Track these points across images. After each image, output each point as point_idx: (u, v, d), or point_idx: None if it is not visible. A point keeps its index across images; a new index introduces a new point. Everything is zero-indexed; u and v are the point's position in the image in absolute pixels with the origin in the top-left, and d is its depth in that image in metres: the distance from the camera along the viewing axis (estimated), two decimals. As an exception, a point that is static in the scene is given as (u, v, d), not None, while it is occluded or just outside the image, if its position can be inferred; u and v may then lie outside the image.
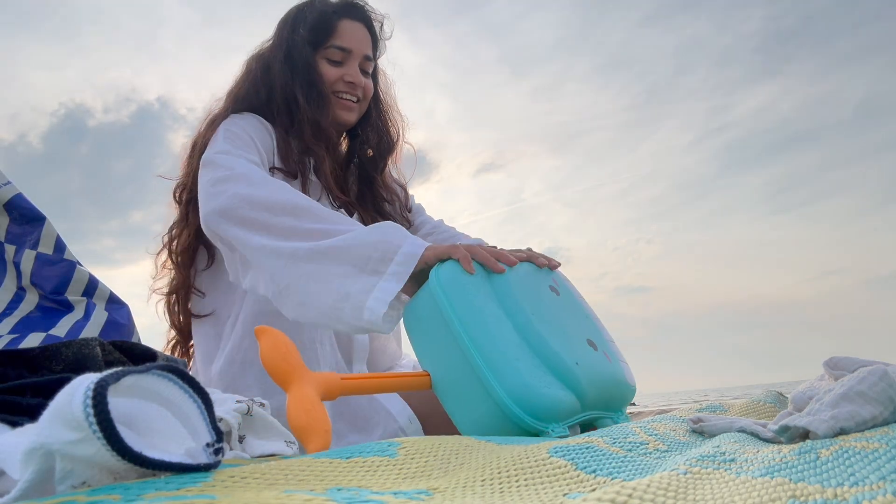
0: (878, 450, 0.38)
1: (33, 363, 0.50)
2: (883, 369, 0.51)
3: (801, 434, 0.49)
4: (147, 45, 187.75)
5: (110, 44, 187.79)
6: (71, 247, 0.98)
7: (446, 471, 0.42)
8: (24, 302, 0.95)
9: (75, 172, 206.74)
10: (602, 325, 0.88)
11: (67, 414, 0.29)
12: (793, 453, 0.40)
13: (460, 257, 0.78)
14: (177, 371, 0.35)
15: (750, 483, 0.35)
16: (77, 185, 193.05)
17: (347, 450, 0.44)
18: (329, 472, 0.38)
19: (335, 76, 1.17)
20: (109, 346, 0.54)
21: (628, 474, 0.41)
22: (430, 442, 0.48)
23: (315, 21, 1.16)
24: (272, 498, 0.27)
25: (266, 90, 1.15)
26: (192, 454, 0.33)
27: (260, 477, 0.34)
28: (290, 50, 1.15)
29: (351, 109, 1.20)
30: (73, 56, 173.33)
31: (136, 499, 0.26)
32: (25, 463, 0.30)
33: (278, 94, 1.13)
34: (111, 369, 0.31)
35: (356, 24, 1.19)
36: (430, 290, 0.75)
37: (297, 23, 1.17)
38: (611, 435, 0.53)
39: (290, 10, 1.20)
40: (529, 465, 0.41)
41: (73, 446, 0.29)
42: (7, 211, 0.97)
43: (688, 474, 0.37)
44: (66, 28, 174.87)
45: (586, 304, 0.90)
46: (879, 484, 0.31)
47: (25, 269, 0.96)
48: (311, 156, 1.13)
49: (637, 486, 0.31)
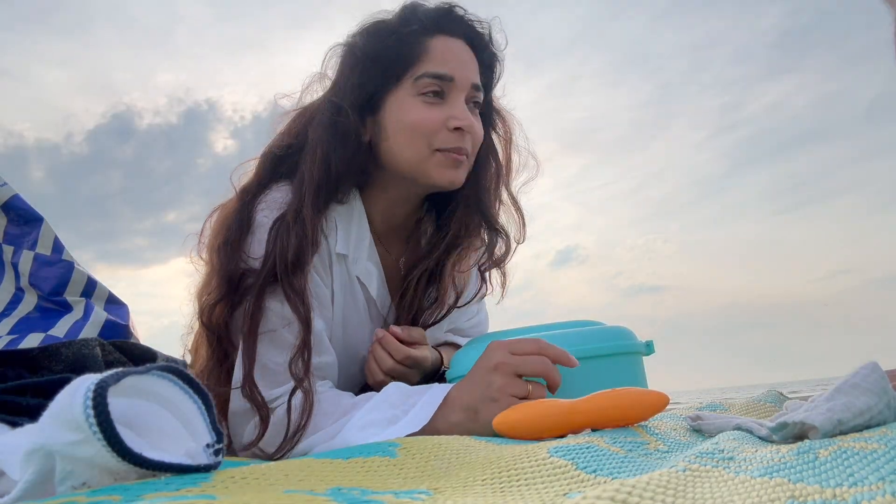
0: (877, 450, 0.38)
1: (33, 363, 0.50)
2: (875, 363, 0.52)
3: (797, 434, 0.49)
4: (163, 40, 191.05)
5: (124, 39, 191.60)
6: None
7: (446, 471, 0.42)
8: (23, 303, 0.95)
9: (115, 172, 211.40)
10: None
11: (68, 415, 0.29)
12: (792, 453, 0.40)
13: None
14: (177, 372, 0.35)
15: (749, 483, 0.35)
16: (117, 183, 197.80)
17: (348, 450, 0.44)
18: (330, 472, 0.38)
19: (436, 121, 0.81)
20: (109, 347, 0.54)
21: (629, 474, 0.41)
22: (430, 442, 0.48)
23: (396, 44, 0.82)
24: (272, 498, 0.27)
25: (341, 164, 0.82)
26: (191, 455, 0.33)
27: (260, 477, 0.34)
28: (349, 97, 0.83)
29: (459, 165, 0.83)
30: (85, 52, 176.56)
31: (137, 499, 0.26)
32: (26, 463, 0.30)
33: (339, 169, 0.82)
34: (111, 370, 0.31)
35: (456, 42, 0.85)
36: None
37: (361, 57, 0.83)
38: (611, 435, 0.53)
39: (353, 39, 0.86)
40: (530, 464, 0.41)
41: (74, 447, 0.29)
42: (4, 212, 0.97)
43: (686, 472, 0.37)
44: (78, 24, 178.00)
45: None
46: (878, 485, 0.31)
47: (24, 270, 0.96)
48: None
49: (636, 484, 0.31)
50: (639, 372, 0.83)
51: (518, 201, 0.92)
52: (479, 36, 0.87)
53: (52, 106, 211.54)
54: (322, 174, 0.81)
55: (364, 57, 0.84)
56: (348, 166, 0.83)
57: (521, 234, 0.92)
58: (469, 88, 0.83)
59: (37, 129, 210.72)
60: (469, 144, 0.84)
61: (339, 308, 0.86)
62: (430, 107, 0.81)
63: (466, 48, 0.85)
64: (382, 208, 0.90)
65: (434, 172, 0.82)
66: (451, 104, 0.82)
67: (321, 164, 0.81)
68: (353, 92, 0.83)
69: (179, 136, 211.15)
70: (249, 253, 0.79)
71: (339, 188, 0.85)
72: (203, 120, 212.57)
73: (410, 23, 0.83)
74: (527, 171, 0.93)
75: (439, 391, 0.71)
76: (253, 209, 0.81)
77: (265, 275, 0.77)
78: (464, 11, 0.86)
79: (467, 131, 0.82)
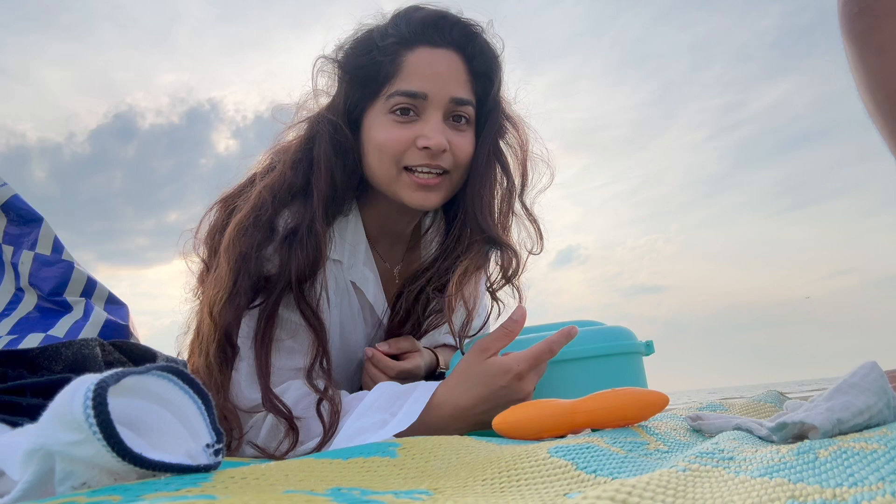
0: (877, 451, 0.38)
1: (33, 363, 0.50)
2: (874, 362, 0.52)
3: (796, 434, 0.49)
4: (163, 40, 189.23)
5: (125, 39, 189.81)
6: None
7: (446, 471, 0.42)
8: (23, 303, 0.95)
9: (118, 172, 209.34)
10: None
11: (67, 415, 0.29)
12: (792, 453, 0.40)
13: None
14: (177, 372, 0.35)
15: (749, 483, 0.35)
16: (119, 183, 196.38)
17: (347, 450, 0.44)
18: (329, 473, 0.38)
19: (404, 141, 0.80)
20: (109, 347, 0.54)
21: (629, 474, 0.41)
22: (430, 442, 0.48)
23: (371, 60, 0.80)
24: (272, 498, 0.27)
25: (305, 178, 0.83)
26: (191, 455, 0.33)
27: (260, 477, 0.34)
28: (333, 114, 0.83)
29: (429, 188, 0.81)
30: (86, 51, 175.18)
31: (137, 499, 0.26)
32: (25, 464, 0.30)
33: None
34: (111, 370, 0.31)
35: (438, 53, 0.81)
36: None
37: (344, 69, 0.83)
38: (611, 435, 0.53)
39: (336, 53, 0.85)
40: (530, 464, 0.41)
41: (74, 447, 0.29)
42: (4, 212, 0.97)
43: (687, 471, 0.37)
44: (80, 24, 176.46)
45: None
46: (878, 485, 0.31)
47: (23, 270, 0.96)
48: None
49: (636, 484, 0.31)
50: (639, 372, 0.83)
51: (532, 212, 0.89)
52: (471, 43, 0.83)
53: (54, 106, 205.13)
54: (328, 189, 0.81)
55: (343, 73, 0.84)
56: (349, 180, 0.83)
57: (539, 246, 0.89)
58: (447, 104, 0.80)
59: (39, 129, 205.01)
60: (446, 162, 0.81)
61: (335, 313, 0.87)
62: (398, 126, 0.80)
63: (453, 58, 0.82)
64: (377, 218, 0.91)
65: (403, 194, 0.82)
66: (424, 121, 0.80)
67: (327, 179, 0.81)
68: (341, 108, 0.83)
69: (182, 136, 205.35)
70: (270, 260, 0.79)
71: (343, 202, 0.86)
72: (205, 120, 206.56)
73: (391, 35, 0.81)
74: (539, 178, 0.90)
75: (426, 389, 0.73)
76: (276, 219, 0.80)
77: (282, 286, 0.77)
78: (457, 18, 0.82)
79: (437, 150, 0.79)
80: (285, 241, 0.78)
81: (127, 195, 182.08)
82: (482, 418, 0.70)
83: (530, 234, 0.89)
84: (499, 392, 0.70)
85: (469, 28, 0.83)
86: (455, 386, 0.72)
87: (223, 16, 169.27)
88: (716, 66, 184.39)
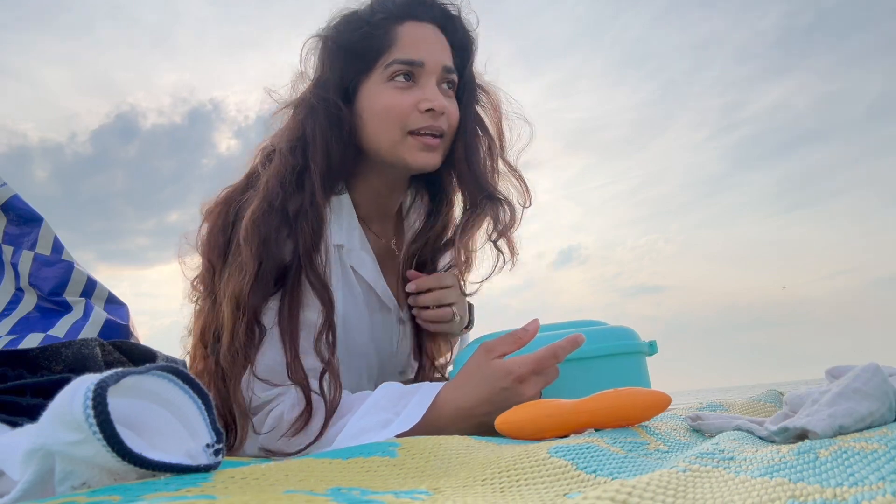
0: (878, 450, 0.38)
1: (33, 363, 0.50)
2: (876, 365, 0.51)
3: (798, 435, 0.49)
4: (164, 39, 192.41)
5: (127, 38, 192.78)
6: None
7: (446, 471, 0.42)
8: (23, 303, 0.95)
9: (119, 172, 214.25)
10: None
11: (67, 415, 0.29)
12: (792, 453, 0.40)
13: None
14: (177, 372, 0.35)
15: (749, 483, 0.35)
16: (120, 183, 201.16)
17: (347, 450, 0.44)
18: (329, 472, 0.38)
19: (407, 104, 0.84)
20: (109, 347, 0.53)
21: (629, 474, 0.41)
22: (430, 442, 0.48)
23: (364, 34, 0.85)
24: (272, 498, 0.27)
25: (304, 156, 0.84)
26: (191, 455, 0.33)
27: (260, 477, 0.34)
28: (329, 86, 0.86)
29: (432, 149, 0.86)
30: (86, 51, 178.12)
31: (137, 499, 0.26)
32: (25, 464, 0.30)
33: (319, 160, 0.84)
34: (111, 370, 0.31)
35: (425, 26, 0.87)
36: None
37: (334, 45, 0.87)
38: (611, 435, 0.53)
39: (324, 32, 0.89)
40: (530, 465, 0.41)
41: (74, 447, 0.29)
42: (4, 212, 0.97)
43: (687, 472, 0.37)
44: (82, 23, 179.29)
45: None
46: (879, 484, 0.31)
47: (23, 271, 0.96)
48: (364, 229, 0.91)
49: (636, 484, 0.31)
50: (642, 372, 0.83)
51: (516, 168, 0.93)
52: (450, 19, 0.89)
53: (55, 106, 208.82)
54: (324, 163, 0.84)
55: (337, 49, 0.87)
56: (344, 151, 0.86)
57: (527, 199, 0.93)
58: (440, 71, 0.86)
59: (40, 129, 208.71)
60: (444, 124, 0.86)
61: (339, 303, 0.88)
62: (401, 91, 0.84)
63: (437, 32, 0.88)
64: (368, 196, 0.93)
65: (408, 156, 0.85)
66: (422, 87, 0.85)
67: (323, 150, 0.84)
68: (335, 83, 0.86)
69: (183, 137, 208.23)
70: (286, 244, 0.82)
71: (339, 176, 0.89)
72: (207, 120, 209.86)
73: (379, 12, 0.86)
74: (518, 135, 0.94)
75: (430, 389, 0.74)
76: (287, 204, 0.82)
77: (298, 263, 0.81)
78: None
79: (439, 112, 0.84)
80: (295, 219, 0.81)
81: (128, 195, 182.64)
82: (484, 419, 0.70)
83: (517, 188, 0.93)
84: (500, 394, 0.70)
85: (447, 8, 0.91)
86: (458, 387, 0.72)
87: (224, 15, 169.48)
88: (716, 66, 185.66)
